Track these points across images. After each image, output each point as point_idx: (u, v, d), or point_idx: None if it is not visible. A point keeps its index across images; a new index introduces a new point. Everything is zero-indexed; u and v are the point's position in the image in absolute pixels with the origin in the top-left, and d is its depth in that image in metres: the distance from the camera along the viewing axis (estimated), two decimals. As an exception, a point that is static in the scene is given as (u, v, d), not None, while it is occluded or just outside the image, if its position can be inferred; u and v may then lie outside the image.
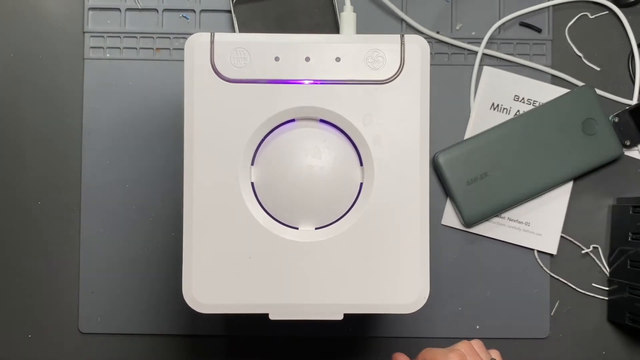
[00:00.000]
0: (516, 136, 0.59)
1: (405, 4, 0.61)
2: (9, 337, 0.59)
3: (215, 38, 0.43)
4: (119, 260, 0.59)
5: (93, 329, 0.59)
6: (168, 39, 0.60)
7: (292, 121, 0.44)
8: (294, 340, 0.60)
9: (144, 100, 0.60)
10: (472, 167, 0.59)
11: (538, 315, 0.60)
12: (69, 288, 0.59)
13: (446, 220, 0.60)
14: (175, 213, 0.59)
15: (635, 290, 0.57)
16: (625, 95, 0.61)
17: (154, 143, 0.60)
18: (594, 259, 0.61)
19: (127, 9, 0.60)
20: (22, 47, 0.60)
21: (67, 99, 0.60)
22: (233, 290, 0.43)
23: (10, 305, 0.59)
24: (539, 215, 0.60)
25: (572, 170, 0.59)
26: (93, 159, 0.59)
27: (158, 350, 0.60)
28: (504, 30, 0.61)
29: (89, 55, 0.60)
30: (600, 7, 0.61)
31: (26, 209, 0.59)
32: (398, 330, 0.60)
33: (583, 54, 0.61)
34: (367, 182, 0.44)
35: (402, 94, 0.43)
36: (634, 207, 0.57)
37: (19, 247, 0.59)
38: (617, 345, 0.61)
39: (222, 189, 0.43)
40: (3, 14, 0.60)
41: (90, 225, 0.59)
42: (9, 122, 0.60)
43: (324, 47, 0.43)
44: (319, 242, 0.44)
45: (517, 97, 0.60)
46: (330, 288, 0.44)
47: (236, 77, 0.43)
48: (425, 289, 0.44)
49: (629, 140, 0.60)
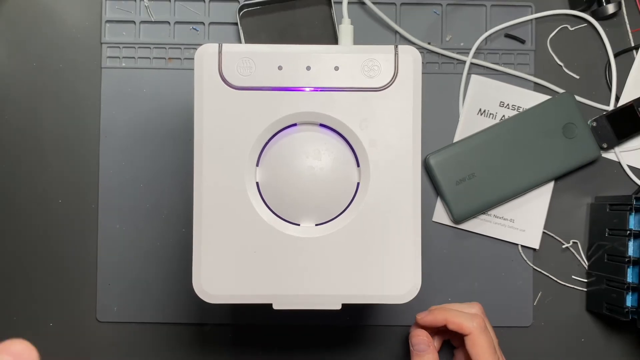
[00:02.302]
0: (502, 139, 0.59)
1: (398, 17, 0.61)
2: (32, 325, 0.59)
3: (223, 48, 0.43)
4: (134, 254, 0.59)
5: (109, 317, 0.59)
6: (179, 50, 0.60)
7: (294, 125, 0.44)
8: (295, 328, 0.60)
9: (157, 106, 0.60)
10: (460, 168, 0.59)
11: (522, 305, 0.60)
12: (88, 280, 0.59)
13: (437, 217, 0.60)
14: (186, 211, 0.59)
15: (612, 282, 0.57)
16: (602, 101, 0.61)
17: (166, 146, 0.60)
18: (573, 253, 0.61)
19: (142, 22, 0.60)
20: (43, 57, 0.60)
21: (86, 105, 0.60)
22: (239, 282, 0.43)
23: (33, 296, 0.59)
24: (522, 212, 0.60)
25: (554, 171, 0.59)
26: (110, 160, 0.60)
27: (169, 337, 0.60)
28: (490, 41, 0.61)
29: (106, 64, 0.60)
30: (579, 20, 0.61)
31: (48, 208, 0.59)
32: (392, 319, 0.60)
33: (564, 63, 0.61)
34: (363, 182, 0.44)
35: (396, 101, 0.43)
36: (611, 205, 0.57)
37: (42, 243, 0.59)
38: (595, 333, 0.61)
39: (229, 189, 0.43)
40: (26, 27, 0.60)
41: (107, 222, 0.59)
42: (32, 127, 0.60)
43: (324, 56, 0.43)
44: (319, 237, 0.44)
45: (503, 103, 0.60)
46: (330, 280, 0.44)
47: (242, 84, 0.43)
48: (417, 280, 0.44)
49: (606, 143, 0.60)
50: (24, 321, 0.59)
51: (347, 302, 0.44)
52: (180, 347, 0.60)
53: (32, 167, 0.60)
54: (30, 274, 0.59)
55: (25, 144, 0.60)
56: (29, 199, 0.59)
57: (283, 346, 0.60)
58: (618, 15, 0.61)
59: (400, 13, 0.61)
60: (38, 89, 0.60)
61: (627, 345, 0.61)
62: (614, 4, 0.60)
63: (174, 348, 0.60)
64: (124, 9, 0.60)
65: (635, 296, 0.54)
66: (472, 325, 0.51)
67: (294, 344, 0.60)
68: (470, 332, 0.51)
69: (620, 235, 0.55)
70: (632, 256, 0.54)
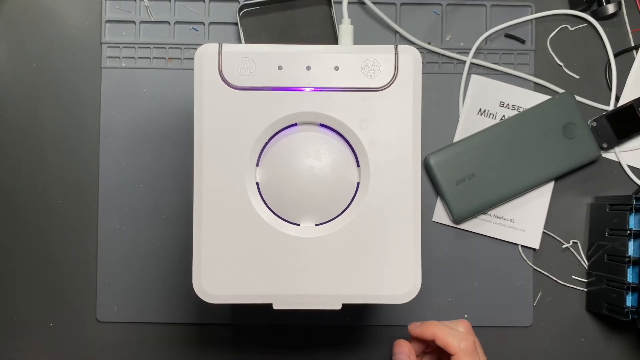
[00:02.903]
0: (502, 139, 0.59)
1: (399, 17, 0.60)
2: (32, 326, 0.59)
3: (223, 48, 0.43)
4: (134, 255, 0.59)
5: (110, 317, 0.59)
6: (179, 50, 0.60)
7: (294, 125, 0.44)
8: (295, 328, 0.60)
9: (157, 106, 0.60)
10: (460, 168, 0.58)
11: (522, 305, 0.60)
12: (88, 280, 0.59)
13: (437, 217, 0.60)
14: (186, 211, 0.59)
15: (612, 282, 0.57)
16: (602, 101, 0.61)
17: (166, 146, 0.59)
18: (573, 253, 0.61)
19: (142, 22, 0.60)
20: (44, 57, 0.60)
21: (86, 105, 0.60)
22: (239, 282, 0.43)
23: (33, 296, 0.59)
24: (522, 212, 0.60)
25: (554, 171, 0.59)
26: (110, 161, 0.59)
27: (169, 337, 0.60)
28: (490, 41, 0.61)
29: (106, 64, 0.60)
30: (579, 19, 0.61)
31: (48, 208, 0.59)
32: (392, 319, 0.60)
33: (564, 63, 0.61)
34: (363, 182, 0.44)
35: (396, 101, 0.43)
36: (611, 205, 0.57)
37: (42, 243, 0.59)
38: (595, 333, 0.61)
39: (229, 189, 0.43)
40: (26, 27, 0.60)
41: (107, 222, 0.59)
42: (32, 127, 0.60)
43: (324, 56, 0.43)
44: (319, 237, 0.44)
45: (503, 103, 0.60)
46: (330, 280, 0.44)
47: (242, 84, 0.43)
48: (417, 280, 0.44)
49: (606, 143, 0.60)
50: (24, 321, 0.59)
51: (347, 302, 0.44)
52: (180, 347, 0.60)
53: (32, 167, 0.60)
54: (31, 273, 0.59)
55: (25, 144, 0.60)
56: (29, 199, 0.59)
57: (283, 346, 0.60)
58: (618, 15, 0.61)
59: (400, 13, 0.60)
60: (38, 89, 0.60)
61: (627, 345, 0.61)
62: (614, 4, 0.60)
63: (174, 348, 0.60)
64: (124, 9, 0.60)
65: (635, 296, 0.54)
66: (458, 347, 0.49)
67: (294, 344, 0.60)
68: (456, 352, 0.49)
69: (620, 235, 0.55)
70: (632, 256, 0.54)
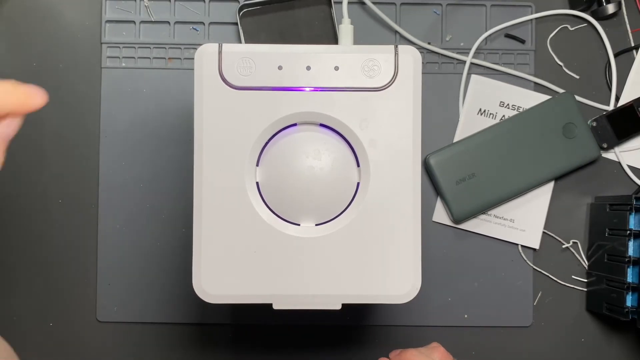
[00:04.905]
0: (502, 139, 0.59)
1: (399, 17, 0.60)
2: (32, 326, 0.59)
3: (223, 48, 0.43)
4: (134, 254, 0.59)
5: (110, 317, 0.59)
6: (179, 50, 0.60)
7: (294, 125, 0.44)
8: (295, 328, 0.60)
9: (157, 106, 0.60)
10: (460, 168, 0.58)
11: (522, 305, 0.60)
12: (88, 280, 0.59)
13: (437, 217, 0.60)
14: (186, 210, 0.59)
15: (612, 282, 0.56)
16: (602, 101, 0.61)
17: (166, 146, 0.59)
18: (573, 253, 0.61)
19: (142, 22, 0.60)
20: (44, 56, 0.60)
21: (86, 104, 0.60)
22: (239, 281, 0.43)
23: (33, 296, 0.59)
24: (522, 212, 0.60)
25: (554, 171, 0.59)
26: (110, 160, 0.59)
27: (169, 337, 0.60)
28: (490, 41, 0.61)
29: (106, 64, 0.60)
30: (579, 19, 0.61)
31: (48, 207, 0.59)
32: (392, 319, 0.60)
33: (564, 63, 0.61)
34: (363, 182, 0.44)
35: (396, 101, 0.43)
36: (611, 205, 0.57)
37: (42, 242, 0.59)
38: (595, 333, 0.61)
39: (229, 189, 0.43)
40: (27, 27, 0.60)
41: (107, 222, 0.59)
42: (32, 126, 0.60)
43: (324, 56, 0.43)
44: (319, 237, 0.44)
45: (503, 103, 0.60)
46: (330, 280, 0.44)
47: (242, 84, 0.43)
48: (417, 280, 0.44)
49: (606, 143, 0.60)
50: (24, 321, 0.59)
51: (347, 302, 0.44)
52: (180, 347, 0.60)
53: (32, 166, 0.59)
54: (30, 273, 0.59)
55: (25, 143, 0.60)
56: (29, 198, 0.59)
57: (283, 346, 0.60)
58: (618, 15, 0.61)
59: (400, 13, 0.60)
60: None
61: (627, 345, 0.61)
62: (614, 4, 0.60)
63: (174, 348, 0.60)
64: (124, 9, 0.60)
65: (635, 296, 0.54)
66: None
67: (294, 344, 0.60)
68: None
69: (620, 235, 0.55)
70: (632, 256, 0.54)
